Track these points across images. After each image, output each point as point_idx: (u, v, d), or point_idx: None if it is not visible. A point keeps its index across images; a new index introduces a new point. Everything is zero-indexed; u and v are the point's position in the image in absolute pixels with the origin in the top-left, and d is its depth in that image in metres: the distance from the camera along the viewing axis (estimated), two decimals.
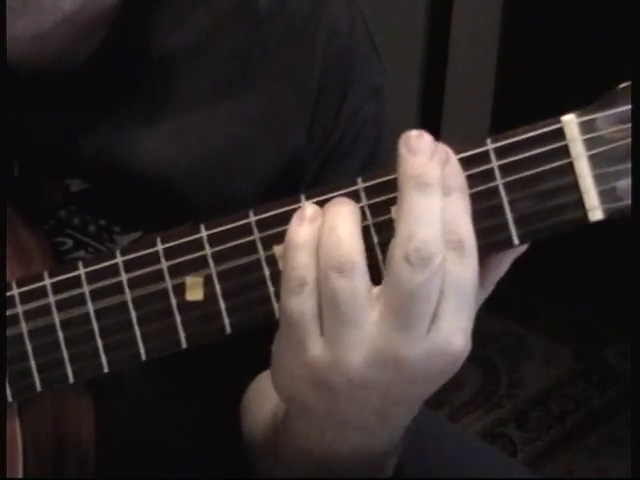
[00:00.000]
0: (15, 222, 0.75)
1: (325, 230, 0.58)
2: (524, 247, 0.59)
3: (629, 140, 0.53)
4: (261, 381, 0.83)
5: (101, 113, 0.78)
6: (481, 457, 0.96)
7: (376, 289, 0.58)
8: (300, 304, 0.59)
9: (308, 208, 0.59)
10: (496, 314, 2.25)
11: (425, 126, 0.58)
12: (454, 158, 0.58)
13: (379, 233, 0.59)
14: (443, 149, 0.58)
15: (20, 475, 0.70)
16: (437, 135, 0.58)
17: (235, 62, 0.79)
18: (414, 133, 0.58)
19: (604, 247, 2.07)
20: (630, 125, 0.53)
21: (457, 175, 0.57)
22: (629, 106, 0.53)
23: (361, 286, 0.57)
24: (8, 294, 0.66)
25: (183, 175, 0.79)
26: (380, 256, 0.59)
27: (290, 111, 0.81)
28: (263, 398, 0.79)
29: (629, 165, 0.54)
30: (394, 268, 0.57)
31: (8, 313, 0.66)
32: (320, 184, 0.79)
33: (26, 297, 0.66)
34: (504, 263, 0.60)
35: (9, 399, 0.68)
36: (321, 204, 0.60)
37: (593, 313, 2.26)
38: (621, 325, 2.15)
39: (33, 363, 0.66)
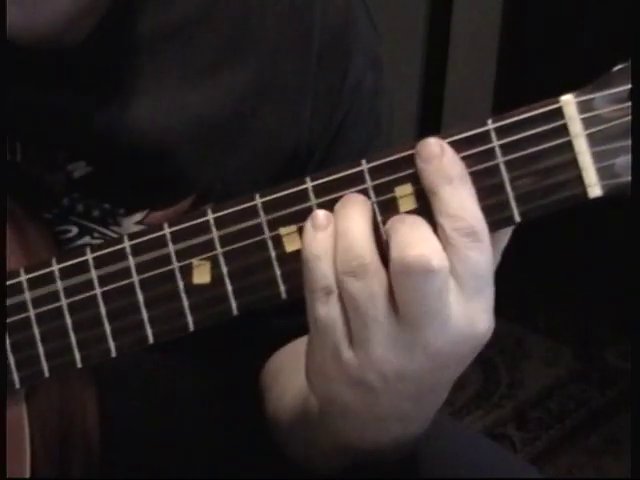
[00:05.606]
0: (16, 214, 0.75)
1: (337, 236, 0.59)
2: None
3: (626, 118, 0.55)
4: (281, 359, 0.84)
5: (101, 89, 0.78)
6: (484, 453, 0.96)
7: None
8: (329, 312, 0.60)
9: (319, 214, 0.60)
10: (496, 314, 2.23)
11: (425, 126, 0.59)
12: (448, 147, 0.59)
13: (383, 213, 0.60)
14: (437, 142, 0.59)
15: (27, 463, 0.70)
16: (437, 134, 0.59)
17: (233, 33, 0.80)
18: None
19: (604, 247, 2.08)
20: (628, 104, 0.55)
21: (455, 163, 0.59)
22: (626, 86, 0.55)
23: (377, 286, 0.59)
24: (15, 281, 0.67)
25: (183, 146, 0.79)
26: (384, 234, 0.60)
27: (289, 83, 0.81)
28: (287, 379, 0.80)
29: (626, 143, 0.55)
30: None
31: (16, 300, 0.67)
32: (330, 159, 0.80)
33: (34, 283, 0.66)
34: (507, 233, 0.61)
35: (17, 385, 0.68)
36: (326, 186, 0.61)
37: (593, 313, 2.26)
38: (621, 325, 2.15)
39: (41, 349, 0.66)
